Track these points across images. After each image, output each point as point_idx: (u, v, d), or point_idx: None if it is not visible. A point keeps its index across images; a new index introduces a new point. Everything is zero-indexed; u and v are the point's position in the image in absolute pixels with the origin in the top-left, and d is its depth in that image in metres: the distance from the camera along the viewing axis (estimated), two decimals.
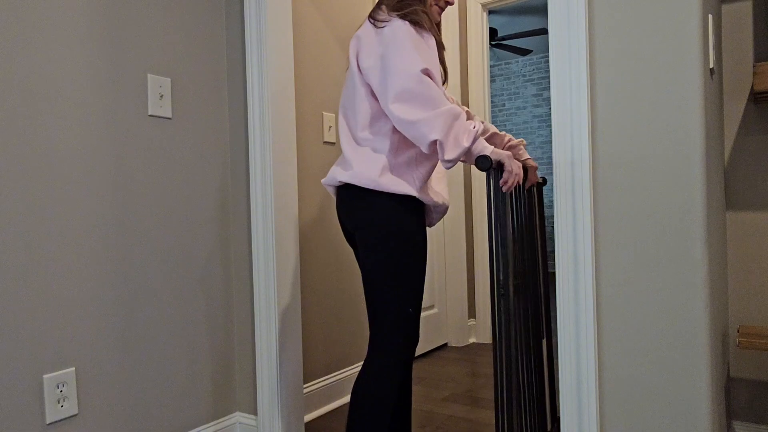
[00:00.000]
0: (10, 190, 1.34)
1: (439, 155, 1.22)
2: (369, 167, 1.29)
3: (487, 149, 1.24)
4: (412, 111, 1.21)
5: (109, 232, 1.54)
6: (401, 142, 1.33)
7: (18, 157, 1.35)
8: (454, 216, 3.03)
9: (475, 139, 1.23)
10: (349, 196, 1.35)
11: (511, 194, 1.43)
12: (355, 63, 1.36)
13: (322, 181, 1.44)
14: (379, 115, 1.33)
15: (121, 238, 1.57)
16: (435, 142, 1.20)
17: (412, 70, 1.21)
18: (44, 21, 1.40)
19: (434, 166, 1.38)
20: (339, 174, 1.35)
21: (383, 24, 1.30)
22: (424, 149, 1.23)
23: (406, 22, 1.28)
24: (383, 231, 1.28)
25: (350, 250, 2.36)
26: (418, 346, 2.88)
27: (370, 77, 1.30)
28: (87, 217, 1.49)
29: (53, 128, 1.42)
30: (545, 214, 6.37)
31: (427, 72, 1.23)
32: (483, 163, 1.24)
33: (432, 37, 1.32)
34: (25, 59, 1.37)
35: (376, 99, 1.32)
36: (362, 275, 1.33)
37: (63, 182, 1.44)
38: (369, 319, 1.33)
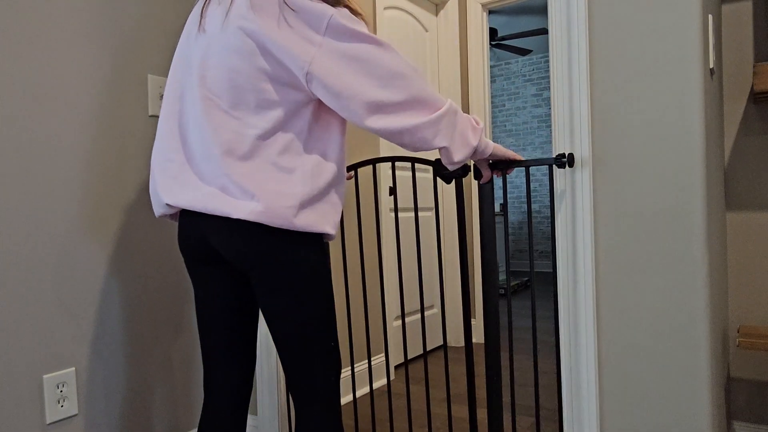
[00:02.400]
0: (11, 190, 1.34)
1: (443, 159, 1.10)
2: (281, 200, 0.98)
3: (490, 146, 1.16)
4: (406, 115, 1.01)
5: (109, 232, 1.54)
6: (323, 158, 1.05)
7: (19, 157, 1.35)
8: (453, 214, 3.04)
9: (481, 136, 1.13)
10: (234, 228, 1.01)
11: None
12: (253, 30, 0.97)
13: (174, 202, 1.06)
14: (297, 110, 1.02)
15: (121, 238, 1.57)
16: (441, 148, 1.06)
17: (399, 68, 0.99)
18: (45, 21, 1.40)
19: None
20: (228, 206, 0.98)
21: (298, 7, 0.96)
22: (414, 150, 1.07)
23: (344, 9, 0.99)
24: (295, 276, 1.02)
25: (352, 246, 2.35)
26: (417, 346, 2.88)
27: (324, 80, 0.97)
28: (87, 216, 1.49)
29: (54, 128, 1.42)
30: (546, 214, 6.38)
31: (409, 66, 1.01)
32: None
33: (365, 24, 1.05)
34: (26, 60, 1.37)
35: (293, 88, 1.00)
36: (267, 319, 1.07)
37: (63, 182, 1.44)
38: (289, 368, 1.09)
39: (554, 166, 1.27)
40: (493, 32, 5.34)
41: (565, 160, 1.25)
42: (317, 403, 1.08)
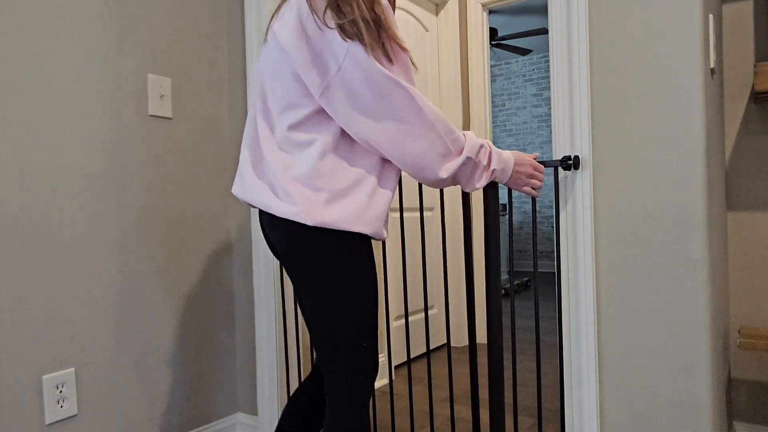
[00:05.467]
0: (11, 190, 1.33)
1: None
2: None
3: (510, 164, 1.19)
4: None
5: (109, 232, 1.54)
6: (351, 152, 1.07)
7: (18, 157, 1.35)
8: (454, 215, 3.03)
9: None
10: (279, 224, 1.07)
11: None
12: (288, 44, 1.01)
13: (239, 194, 1.14)
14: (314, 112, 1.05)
15: (121, 238, 1.57)
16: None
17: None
18: (45, 21, 1.40)
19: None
20: (274, 203, 1.05)
21: (324, 30, 0.98)
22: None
23: (359, 46, 0.96)
24: (323, 270, 1.05)
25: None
26: (417, 347, 2.88)
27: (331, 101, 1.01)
28: (87, 217, 1.49)
29: (54, 128, 1.42)
30: (546, 214, 6.37)
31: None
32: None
33: (402, 50, 1.02)
34: (25, 59, 1.36)
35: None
36: (302, 313, 1.12)
37: (63, 182, 1.43)
38: (321, 365, 1.11)
39: (560, 168, 1.27)
40: (493, 32, 5.34)
41: (571, 162, 1.25)
42: (340, 401, 1.10)
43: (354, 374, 1.09)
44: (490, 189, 1.35)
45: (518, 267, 6.60)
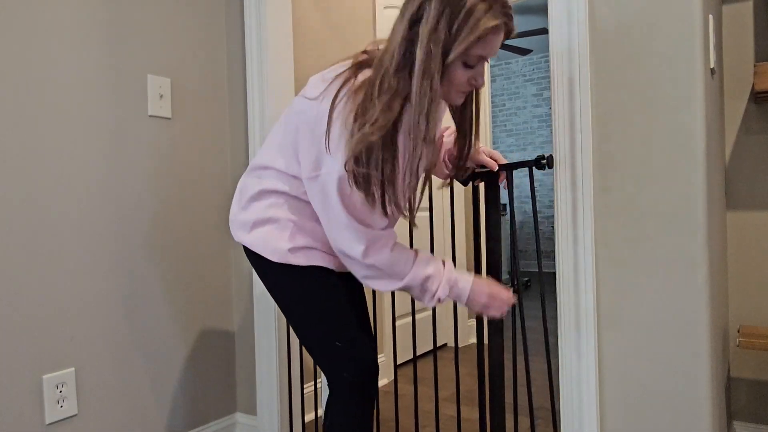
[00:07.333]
0: (11, 191, 1.33)
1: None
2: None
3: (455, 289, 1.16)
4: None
5: (109, 233, 1.54)
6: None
7: (18, 158, 1.35)
8: (456, 215, 3.03)
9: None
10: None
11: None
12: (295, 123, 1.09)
13: None
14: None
15: (121, 238, 1.57)
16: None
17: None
18: (45, 22, 1.40)
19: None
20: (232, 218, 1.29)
21: (333, 154, 1.00)
22: None
23: (355, 192, 1.01)
24: (268, 284, 1.20)
25: None
26: (417, 346, 2.88)
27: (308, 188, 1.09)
28: (87, 217, 1.49)
29: (54, 128, 1.42)
30: (547, 215, 6.37)
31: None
32: None
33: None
34: (25, 60, 1.36)
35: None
36: None
37: (63, 182, 1.43)
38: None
39: (559, 168, 1.27)
40: None
41: (545, 162, 1.27)
42: (336, 395, 1.20)
43: (338, 371, 1.18)
44: (491, 193, 1.35)
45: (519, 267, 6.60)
